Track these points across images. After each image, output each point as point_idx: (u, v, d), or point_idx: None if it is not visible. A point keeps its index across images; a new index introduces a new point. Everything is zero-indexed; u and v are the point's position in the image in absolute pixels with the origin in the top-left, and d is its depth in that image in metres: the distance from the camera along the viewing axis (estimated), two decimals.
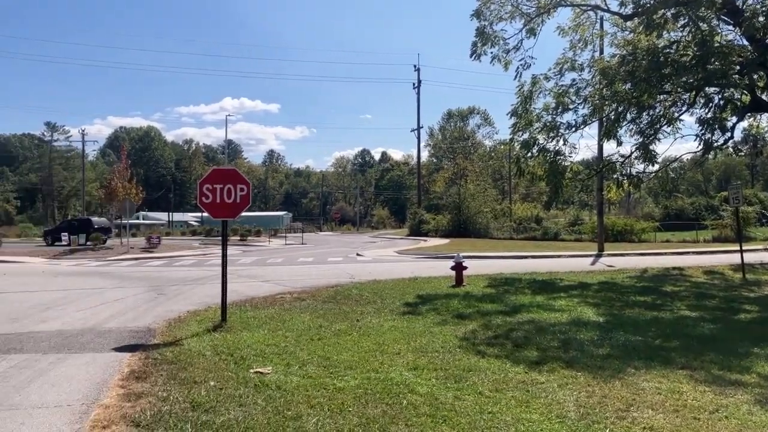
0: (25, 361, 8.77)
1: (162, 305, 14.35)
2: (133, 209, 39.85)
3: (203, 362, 8.26)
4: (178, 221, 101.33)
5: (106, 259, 31.96)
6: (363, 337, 10.03)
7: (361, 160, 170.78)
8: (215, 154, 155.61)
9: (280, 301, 14.47)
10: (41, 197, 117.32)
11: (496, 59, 22.63)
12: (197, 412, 6.18)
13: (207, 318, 11.97)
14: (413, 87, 68.87)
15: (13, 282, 20.38)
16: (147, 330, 11.06)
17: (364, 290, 16.04)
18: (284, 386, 7.07)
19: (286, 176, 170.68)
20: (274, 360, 8.40)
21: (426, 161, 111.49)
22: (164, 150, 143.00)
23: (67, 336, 10.59)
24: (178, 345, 9.45)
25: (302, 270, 24.13)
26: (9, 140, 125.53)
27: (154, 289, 17.53)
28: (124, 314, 13.04)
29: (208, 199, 11.40)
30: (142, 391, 6.96)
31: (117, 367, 8.27)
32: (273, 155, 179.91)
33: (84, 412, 6.34)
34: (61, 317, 12.70)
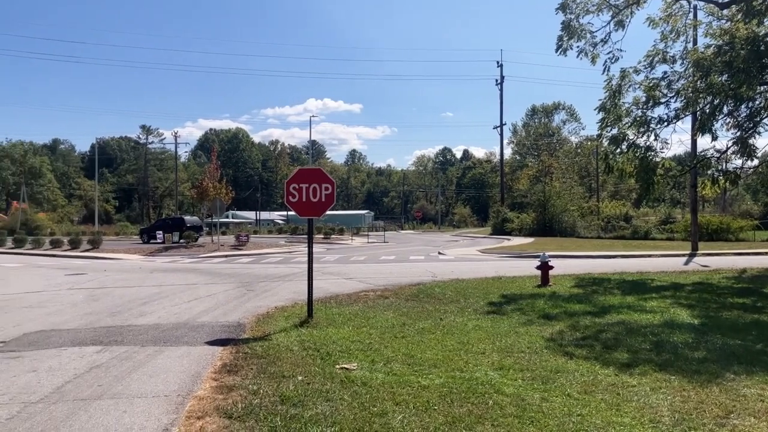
0: (125, 352, 9.26)
1: (251, 301, 14.80)
2: (223, 208, 41.24)
3: (291, 357, 8.46)
4: (264, 220, 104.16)
5: (198, 256, 33.24)
6: (447, 336, 10.00)
7: (442, 158, 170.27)
8: (300, 154, 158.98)
9: (363, 298, 14.63)
10: (137, 197, 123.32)
11: (583, 53, 22.03)
12: (286, 405, 6.33)
13: (294, 314, 12.25)
14: (496, 83, 67.94)
15: (113, 278, 21.54)
16: (237, 325, 11.44)
17: (447, 289, 15.99)
18: (369, 382, 7.14)
19: (367, 175, 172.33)
20: (359, 356, 8.50)
21: (509, 159, 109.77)
22: (251, 151, 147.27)
23: (163, 329, 11.10)
24: (266, 340, 9.71)
25: (384, 268, 24.30)
26: (108, 143, 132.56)
27: (244, 286, 18.10)
28: (215, 309, 13.54)
29: (295, 198, 11.65)
30: (234, 383, 7.21)
31: (210, 360, 8.59)
32: (355, 155, 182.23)
33: (180, 403, 6.63)
34: (158, 311, 13.33)
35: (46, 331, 11.28)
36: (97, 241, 40.42)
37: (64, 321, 12.36)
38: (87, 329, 11.33)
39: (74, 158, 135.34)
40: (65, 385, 7.39)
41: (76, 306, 14.59)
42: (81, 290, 17.88)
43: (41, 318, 12.80)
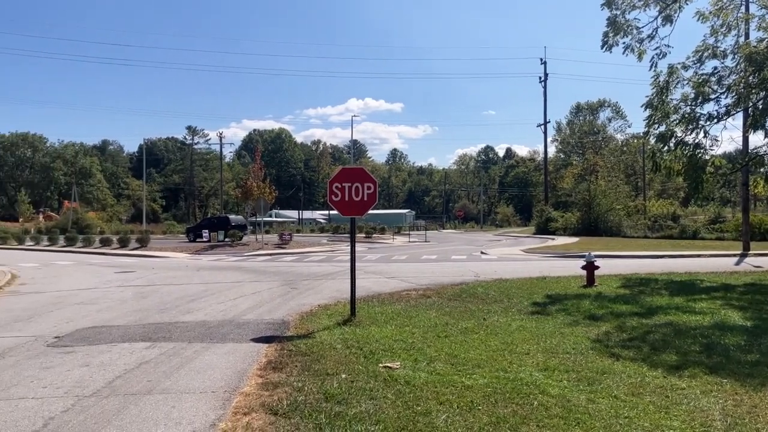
0: (173, 348, 9.46)
1: (294, 299, 14.97)
2: (267, 207, 41.75)
3: (334, 355, 8.52)
4: (307, 219, 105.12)
5: (243, 255, 33.73)
6: (490, 336, 9.94)
7: (484, 156, 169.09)
8: (341, 153, 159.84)
9: (405, 297, 14.64)
10: (183, 196, 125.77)
11: (629, 49, 21.57)
12: (330, 403, 6.39)
13: (337, 312, 12.34)
14: (539, 81, 67.27)
15: (161, 276, 22.02)
16: (281, 322, 11.58)
17: (490, 289, 15.88)
18: (413, 381, 7.15)
19: (408, 174, 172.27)
20: (402, 355, 8.52)
21: (553, 157, 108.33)
22: (294, 151, 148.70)
23: (209, 326, 11.31)
24: (310, 337, 9.81)
25: (426, 267, 24.27)
26: (155, 144, 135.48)
27: (287, 284, 18.31)
28: (260, 307, 13.74)
29: (338, 197, 11.72)
30: (279, 380, 7.30)
31: (255, 357, 8.72)
32: (396, 154, 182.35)
33: (226, 399, 6.75)
34: (204, 309, 13.59)
35: (97, 327, 11.61)
36: (145, 240, 41.35)
37: (114, 317, 12.69)
38: (136, 326, 11.62)
39: (123, 159, 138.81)
40: (116, 380, 7.60)
41: (125, 303, 14.97)
42: (130, 287, 18.34)
43: (93, 314, 13.18)
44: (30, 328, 11.64)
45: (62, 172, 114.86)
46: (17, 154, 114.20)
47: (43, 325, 12.02)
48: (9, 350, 9.63)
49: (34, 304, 15.15)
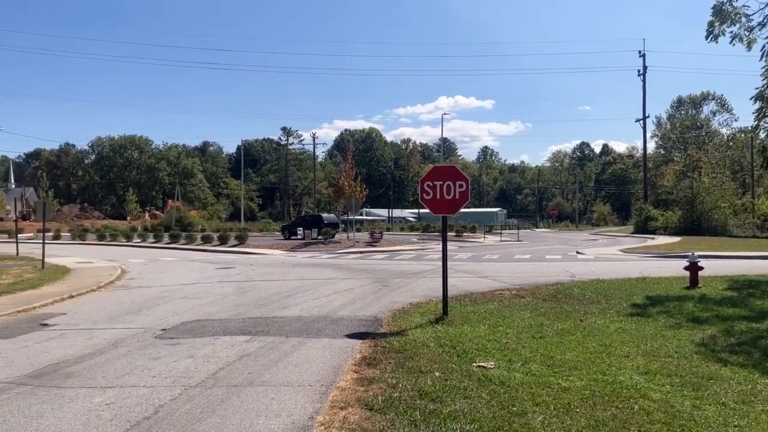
0: (271, 342, 9.78)
1: (386, 296, 15.12)
2: (358, 206, 42.35)
3: (428, 353, 8.55)
4: (396, 217, 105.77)
5: (335, 252, 34.37)
6: (587, 338, 9.68)
7: (579, 153, 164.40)
8: (431, 152, 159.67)
9: (498, 297, 14.48)
10: (279, 195, 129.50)
11: (737, 39, 20.36)
12: (425, 400, 6.42)
13: (429, 310, 12.36)
14: (638, 74, 64.67)
15: (259, 272, 22.79)
16: (374, 319, 11.74)
17: (587, 289, 15.45)
18: (508, 382, 7.07)
19: (500, 172, 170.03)
20: (496, 355, 8.44)
21: (652, 153, 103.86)
22: (384, 150, 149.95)
23: (305, 322, 11.61)
24: (403, 335, 9.89)
25: (519, 267, 23.89)
26: (252, 145, 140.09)
27: (379, 281, 18.51)
28: (353, 303, 13.97)
29: (429, 195, 11.73)
30: (373, 376, 7.41)
31: (350, 352, 8.89)
32: (487, 151, 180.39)
33: (323, 393, 6.92)
34: (300, 304, 13.96)
35: (201, 320, 12.16)
36: (243, 237, 42.89)
37: (216, 311, 13.26)
38: (236, 320, 12.09)
39: (222, 159, 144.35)
40: (219, 372, 7.94)
41: (226, 298, 15.60)
42: (230, 283, 19.09)
43: (196, 308, 13.82)
44: (139, 321, 12.34)
45: (166, 173, 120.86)
46: (125, 155, 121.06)
47: (150, 317, 12.72)
48: (121, 341, 10.25)
49: (142, 297, 16.05)
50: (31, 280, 19.69)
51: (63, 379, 7.77)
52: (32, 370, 8.32)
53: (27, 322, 12.59)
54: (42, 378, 7.87)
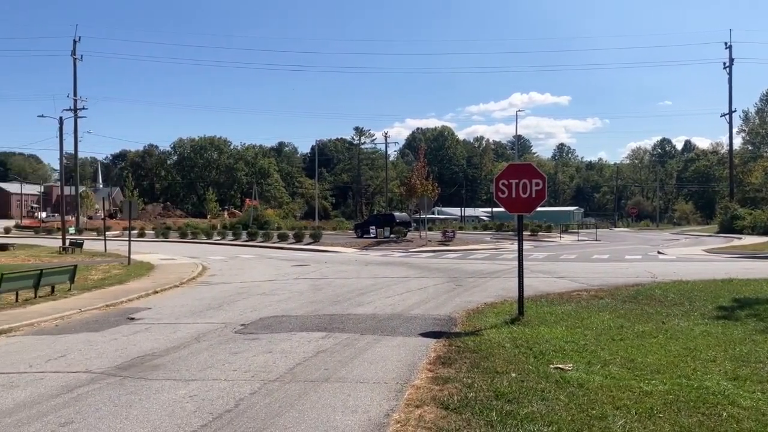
0: (346, 339, 9.91)
1: (460, 296, 15.04)
2: (430, 205, 42.24)
3: (503, 353, 8.46)
4: (469, 216, 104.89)
5: (407, 251, 34.43)
6: (670, 341, 9.33)
7: (660, 150, 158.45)
8: (504, 150, 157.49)
9: (576, 298, 14.15)
10: (351, 194, 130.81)
11: None
12: (501, 401, 6.35)
13: (504, 311, 12.22)
14: (724, 67, 61.78)
15: (333, 269, 23.11)
16: (448, 318, 11.70)
17: (669, 291, 14.89)
18: (586, 384, 6.91)
19: (576, 170, 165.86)
20: (574, 357, 8.25)
21: (739, 149, 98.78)
22: (456, 148, 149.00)
23: (379, 320, 11.70)
24: (477, 335, 9.81)
25: (597, 267, 23.28)
26: (326, 145, 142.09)
27: (452, 280, 18.43)
28: (426, 302, 13.97)
29: (504, 194, 11.58)
30: (448, 376, 7.38)
31: (424, 351, 8.89)
32: (563, 149, 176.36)
33: (398, 391, 6.95)
34: (374, 302, 14.07)
35: (278, 316, 12.45)
36: (318, 236, 43.58)
37: (292, 308, 13.54)
38: (312, 316, 12.31)
39: (297, 159, 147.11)
40: (296, 367, 8.10)
41: (302, 294, 15.90)
42: (305, 280, 19.44)
43: (274, 304, 14.15)
44: (220, 316, 12.75)
45: (244, 173, 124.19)
46: (205, 156, 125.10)
47: (230, 313, 13.12)
48: (203, 335, 10.61)
49: (222, 293, 16.56)
50: (119, 276, 20.65)
51: (149, 371, 8.11)
52: (121, 361, 8.73)
53: (115, 315, 13.22)
54: (130, 369, 8.24)
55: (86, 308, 13.92)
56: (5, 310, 13.65)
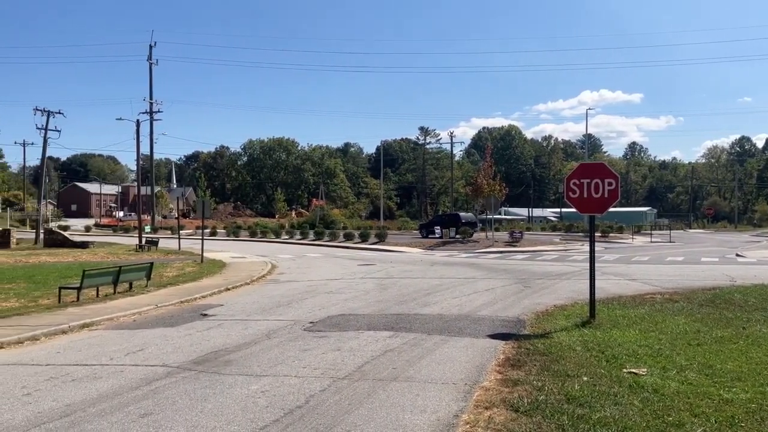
0: (413, 339, 9.92)
1: (528, 298, 14.83)
2: (497, 205, 41.82)
3: (574, 356, 8.29)
4: (537, 217, 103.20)
5: (473, 252, 34.18)
6: (752, 347, 8.93)
7: (738, 148, 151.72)
8: (574, 149, 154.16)
9: (649, 301, 13.74)
10: (416, 194, 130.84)
11: None
12: (572, 405, 6.23)
13: (574, 313, 11.98)
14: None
15: (398, 269, 23.17)
16: (517, 320, 11.56)
17: (749, 295, 14.26)
18: (661, 390, 6.70)
19: (649, 169, 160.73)
20: (648, 362, 8.01)
21: None
22: (524, 147, 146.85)
23: (446, 320, 11.66)
24: (547, 337, 9.65)
25: (672, 270, 22.51)
26: (390, 145, 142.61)
27: (520, 282, 18.18)
28: (494, 304, 13.83)
29: (575, 194, 11.36)
30: (518, 378, 7.29)
31: (492, 353, 8.82)
32: (635, 148, 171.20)
33: (467, 392, 6.91)
34: (440, 303, 14.04)
35: (345, 314, 12.59)
36: (383, 235, 43.81)
37: (359, 307, 13.66)
38: (379, 315, 12.39)
39: (362, 159, 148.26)
40: (365, 365, 8.17)
41: (368, 294, 16.02)
42: (371, 279, 19.58)
43: (340, 303, 14.31)
44: (289, 313, 12.99)
45: (311, 173, 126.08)
46: (274, 157, 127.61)
47: (299, 310, 13.34)
48: (273, 332, 10.84)
49: (291, 291, 16.87)
50: (192, 274, 21.32)
51: (222, 366, 8.34)
52: (195, 356, 9.01)
53: (189, 312, 13.66)
54: (204, 364, 8.50)
55: (162, 304, 14.44)
56: (87, 305, 14.30)
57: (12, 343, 10.21)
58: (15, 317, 12.50)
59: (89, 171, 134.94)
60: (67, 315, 12.77)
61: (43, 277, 20.37)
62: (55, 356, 9.30)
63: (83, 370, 8.27)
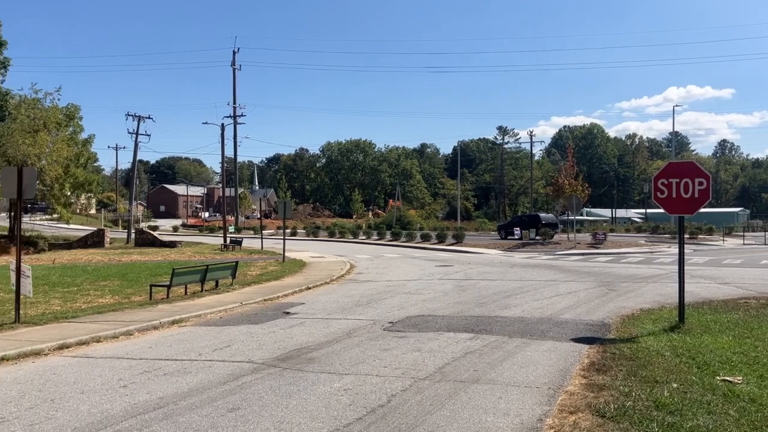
0: (494, 342, 9.83)
1: (613, 301, 14.41)
2: (579, 206, 40.84)
3: (662, 362, 8.00)
4: (620, 218, 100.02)
5: (554, 253, 33.48)
6: None
7: None
8: (659, 147, 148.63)
9: (743, 306, 13.08)
10: (494, 195, 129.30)
11: None
12: (662, 412, 6.02)
13: (662, 317, 11.55)
14: None
15: (477, 271, 22.98)
16: (601, 324, 11.25)
17: None
18: (759, 399, 6.37)
19: (741, 168, 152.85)
20: (744, 369, 7.64)
21: None
22: (606, 146, 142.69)
23: (527, 323, 11.49)
24: (634, 342, 9.35)
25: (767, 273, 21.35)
26: (467, 145, 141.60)
27: (604, 285, 17.69)
28: (577, 307, 13.52)
29: (663, 194, 10.97)
30: (604, 383, 7.11)
31: (576, 357, 8.62)
32: (725, 145, 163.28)
33: (551, 396, 6.79)
34: (521, 305, 13.84)
35: (424, 315, 12.60)
36: (460, 236, 43.55)
37: (437, 308, 13.64)
38: (458, 317, 12.34)
39: (438, 160, 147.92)
40: (445, 367, 8.16)
41: (446, 295, 15.98)
42: (449, 281, 19.50)
43: (419, 304, 14.34)
44: (368, 313, 13.12)
45: (387, 174, 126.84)
46: (351, 158, 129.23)
47: (378, 310, 13.46)
48: (353, 331, 10.98)
49: (370, 291, 17.03)
50: (274, 272, 21.87)
51: (305, 364, 8.52)
52: (279, 353, 9.24)
53: (272, 309, 14.02)
54: (287, 361, 8.70)
55: (246, 302, 14.87)
56: (176, 302, 14.90)
57: (108, 338, 10.77)
58: (110, 313, 13.19)
59: (176, 173, 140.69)
60: (158, 311, 13.37)
61: (135, 275, 21.40)
62: (148, 351, 9.74)
63: (174, 365, 8.63)
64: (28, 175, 12.28)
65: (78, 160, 41.93)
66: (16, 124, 36.07)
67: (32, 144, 35.09)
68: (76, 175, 41.57)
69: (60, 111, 39.23)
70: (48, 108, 38.22)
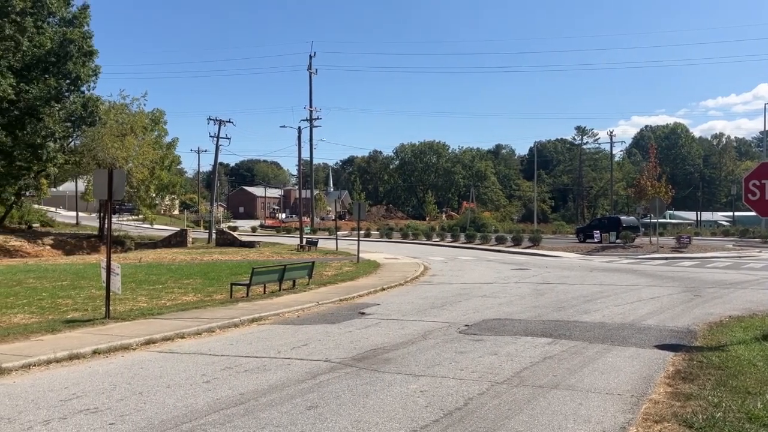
0: (573, 347, 9.59)
1: (699, 307, 13.82)
2: (662, 208, 39.38)
3: (755, 372, 7.60)
4: (706, 221, 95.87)
5: (636, 257, 32.41)
6: None
7: None
8: (748, 147, 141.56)
9: None
10: (572, 197, 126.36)
11: None
12: (755, 425, 5.72)
13: (753, 325, 10.98)
14: None
15: (555, 275, 22.51)
16: (687, 331, 10.81)
17: None
18: None
19: None
20: None
21: None
22: (691, 146, 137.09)
23: (608, 329, 11.16)
24: (723, 350, 8.93)
25: None
26: (544, 146, 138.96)
27: (689, 290, 16.99)
28: (660, 313, 13.04)
29: (755, 196, 10.46)
30: (691, 392, 6.82)
31: (661, 364, 8.31)
32: None
33: (634, 404, 6.57)
34: (601, 310, 13.46)
35: (500, 319, 12.44)
36: (537, 239, 42.75)
37: (514, 312, 13.44)
38: (536, 321, 12.11)
39: (514, 161, 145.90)
40: (523, 371, 8.02)
41: (523, 299, 15.72)
42: (526, 284, 19.18)
43: (495, 307, 14.17)
44: (443, 315, 13.07)
45: (461, 176, 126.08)
46: (425, 160, 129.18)
47: (453, 312, 13.38)
48: (429, 333, 10.96)
49: (444, 293, 16.96)
50: (349, 273, 22.11)
51: (381, 364, 8.57)
52: (355, 353, 9.33)
53: (348, 309, 14.17)
54: (364, 361, 8.77)
55: (323, 302, 15.10)
56: (256, 300, 15.29)
57: (192, 334, 11.16)
58: (193, 310, 13.66)
59: (255, 175, 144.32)
60: (238, 309, 13.75)
61: (216, 274, 22.09)
62: (229, 348, 10.03)
63: (254, 362, 8.85)
64: (118, 177, 12.87)
65: (162, 163, 43.72)
66: (105, 128, 37.97)
67: (120, 147, 36.87)
68: (161, 177, 43.36)
69: (146, 115, 41.03)
70: (135, 113, 40.04)
